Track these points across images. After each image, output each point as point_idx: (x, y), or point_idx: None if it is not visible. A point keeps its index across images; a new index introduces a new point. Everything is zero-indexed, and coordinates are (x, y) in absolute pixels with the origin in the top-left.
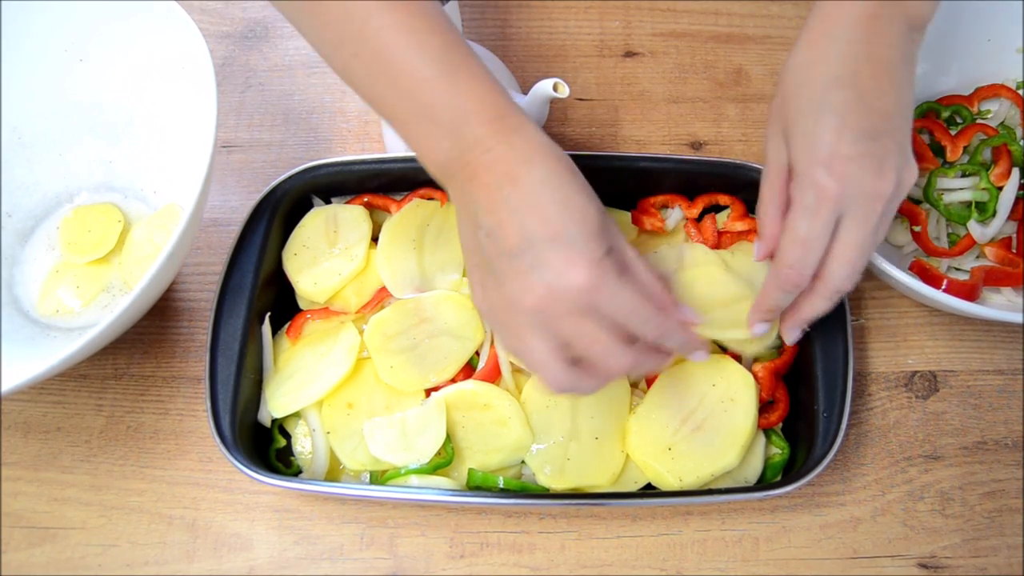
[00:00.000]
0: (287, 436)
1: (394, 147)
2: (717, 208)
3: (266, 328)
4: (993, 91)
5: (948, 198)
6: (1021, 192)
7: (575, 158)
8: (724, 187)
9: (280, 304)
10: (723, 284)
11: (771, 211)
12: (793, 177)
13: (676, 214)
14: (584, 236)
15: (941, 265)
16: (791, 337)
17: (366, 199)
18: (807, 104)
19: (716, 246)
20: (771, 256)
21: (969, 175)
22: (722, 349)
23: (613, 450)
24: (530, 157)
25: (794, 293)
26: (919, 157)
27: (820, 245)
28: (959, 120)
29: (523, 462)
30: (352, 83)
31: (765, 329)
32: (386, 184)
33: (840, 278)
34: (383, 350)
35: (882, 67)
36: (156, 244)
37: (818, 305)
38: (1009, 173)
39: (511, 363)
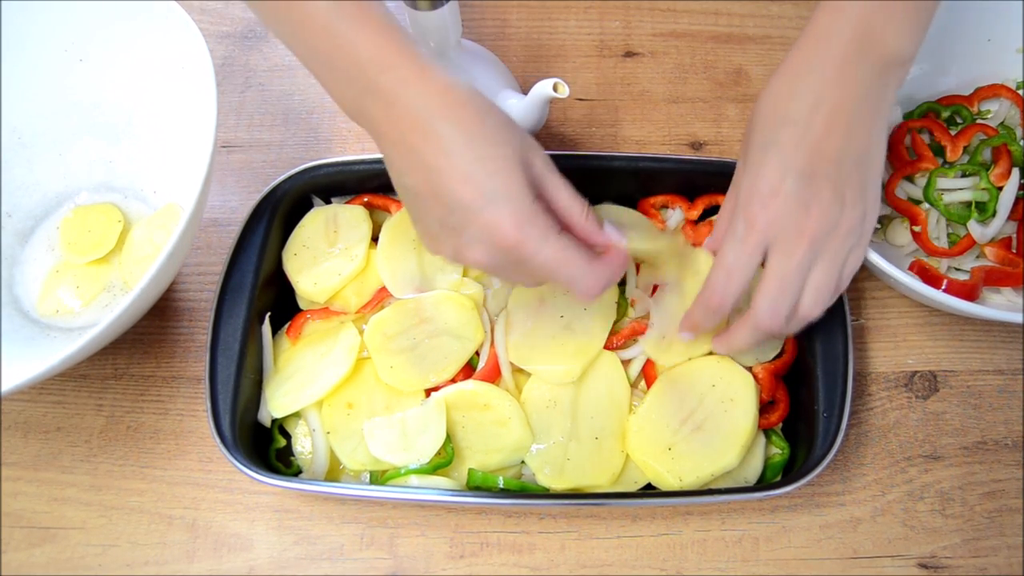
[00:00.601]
0: (287, 436)
1: None
2: (717, 210)
3: (266, 328)
4: (993, 91)
5: (948, 198)
6: (1021, 192)
7: (575, 158)
8: (724, 188)
9: (280, 304)
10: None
11: (717, 236)
12: (736, 208)
13: (677, 215)
14: (506, 191)
15: (941, 265)
16: (720, 351)
17: (366, 199)
18: (760, 139)
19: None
20: None
21: (969, 175)
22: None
23: (613, 450)
24: (434, 110)
25: (717, 315)
26: (919, 157)
27: (743, 273)
28: (959, 120)
29: (523, 462)
30: (270, 29)
31: (690, 337)
32: (386, 184)
33: (762, 310)
34: (383, 350)
35: (840, 111)
36: (156, 244)
37: (744, 336)
38: (1009, 173)
39: (511, 363)
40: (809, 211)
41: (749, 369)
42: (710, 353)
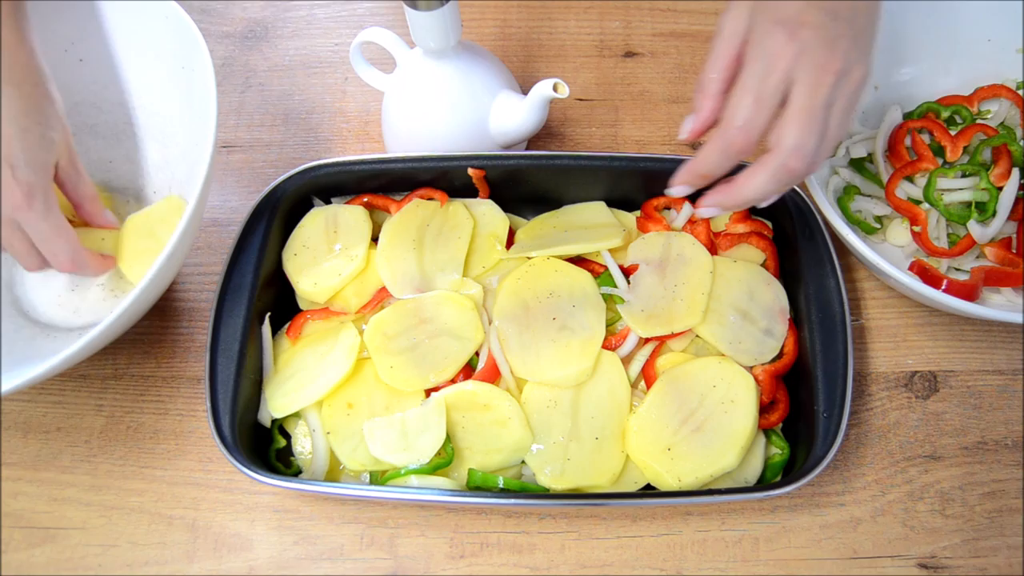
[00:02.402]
0: (287, 436)
1: (394, 147)
2: None
3: (266, 328)
4: (993, 91)
5: (948, 198)
6: (1021, 192)
7: (575, 158)
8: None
9: (280, 304)
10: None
11: (715, 84)
12: (749, 42)
13: (682, 216)
14: (30, 165)
15: (941, 265)
16: (706, 213)
17: (366, 199)
18: None
19: (712, 249)
20: (700, 134)
21: (969, 175)
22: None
23: (613, 450)
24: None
25: (735, 159)
26: (919, 157)
27: (770, 107)
28: (959, 120)
29: (523, 462)
30: None
31: (684, 191)
32: (386, 184)
33: (789, 147)
34: (383, 350)
35: None
36: (158, 237)
37: (763, 180)
38: (1009, 173)
39: (510, 364)
40: (835, 48)
41: (749, 370)
42: (720, 354)
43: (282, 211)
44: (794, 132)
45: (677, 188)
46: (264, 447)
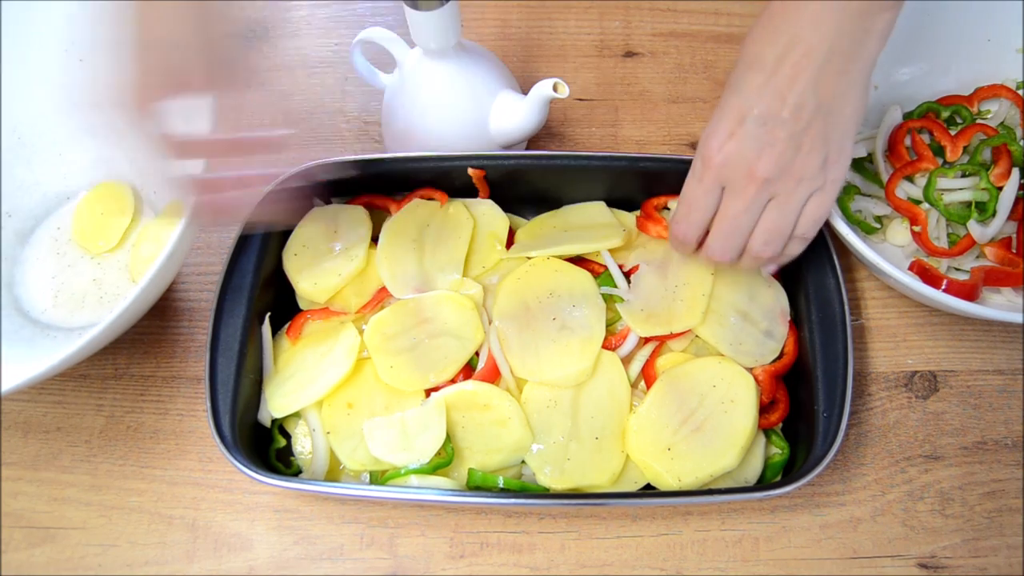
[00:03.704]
0: (287, 436)
1: (394, 147)
2: None
3: (266, 328)
4: (993, 91)
5: (948, 198)
6: (1021, 192)
7: (575, 158)
8: None
9: (280, 304)
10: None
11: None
12: None
13: None
14: None
15: (941, 265)
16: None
17: (366, 199)
18: (731, 82)
19: None
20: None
21: (969, 175)
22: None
23: (613, 450)
24: None
25: (684, 247)
26: (919, 157)
27: (702, 209)
28: (959, 120)
29: (523, 462)
30: None
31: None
32: (386, 184)
33: (712, 248)
34: (383, 350)
35: (810, 56)
36: (161, 242)
37: (705, 263)
38: (1009, 173)
39: (510, 364)
40: (761, 154)
41: (749, 370)
42: (720, 355)
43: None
44: (714, 235)
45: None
46: (264, 447)
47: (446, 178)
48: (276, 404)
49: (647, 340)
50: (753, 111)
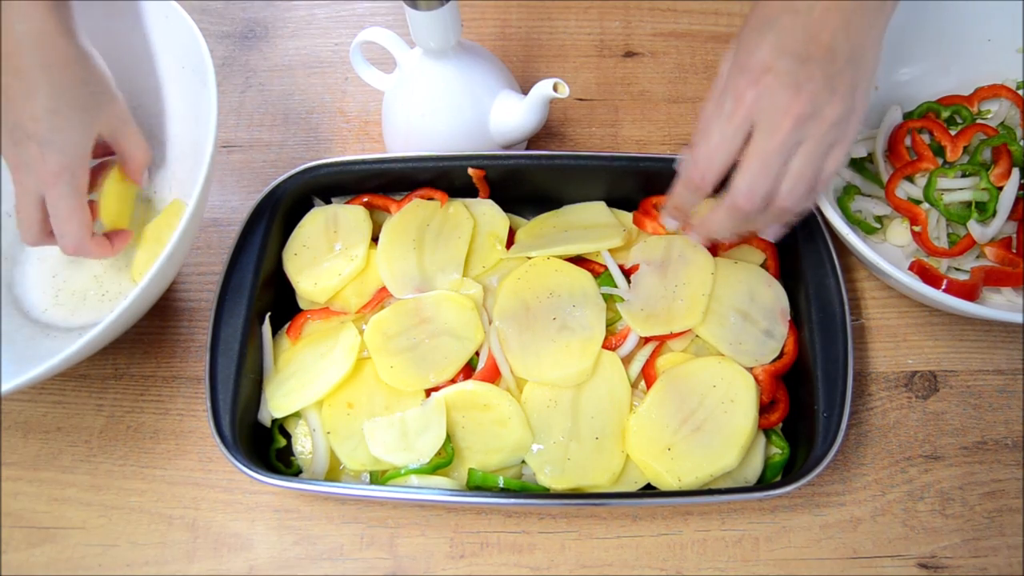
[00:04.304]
0: (287, 436)
1: (394, 147)
2: None
3: (266, 328)
4: (993, 91)
5: (948, 198)
6: (1021, 192)
7: (575, 158)
8: (724, 187)
9: (280, 304)
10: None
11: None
12: (722, 87)
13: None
14: (57, 144)
15: (941, 265)
16: (696, 236)
17: (366, 199)
18: (757, 23)
19: (713, 249)
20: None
21: (969, 175)
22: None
23: (613, 450)
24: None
25: (698, 193)
26: (919, 157)
27: (727, 149)
28: (959, 120)
29: (523, 462)
30: None
31: (674, 225)
32: (386, 184)
33: (739, 188)
34: (383, 350)
35: (840, 5)
36: (163, 241)
37: (721, 218)
38: (1009, 173)
39: (510, 364)
40: (799, 92)
41: (749, 370)
42: (720, 355)
43: (282, 211)
44: (743, 175)
45: (667, 221)
46: (264, 447)
47: (446, 178)
48: (276, 404)
49: (647, 340)
50: (789, 48)
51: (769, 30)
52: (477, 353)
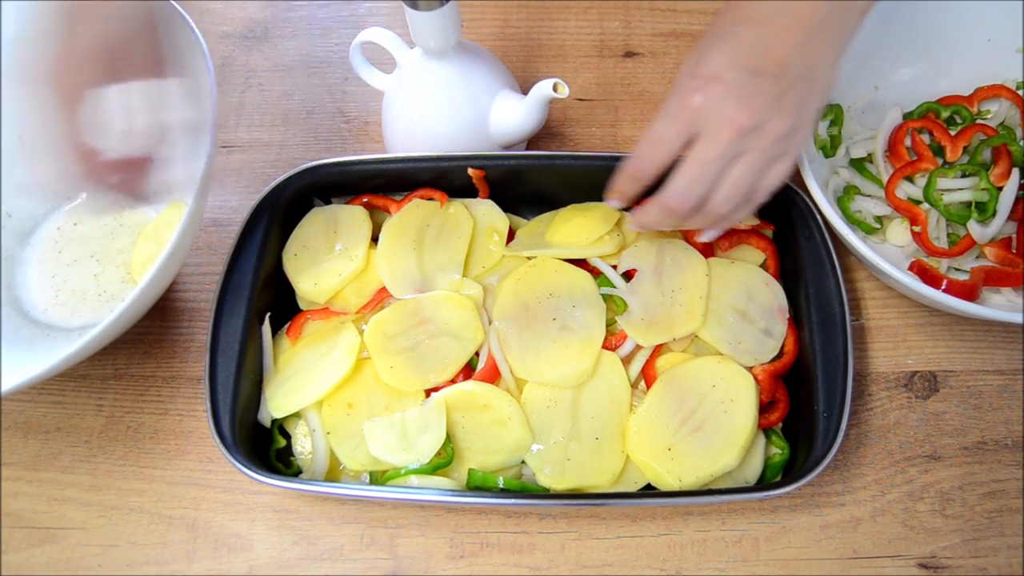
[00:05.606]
0: (287, 436)
1: (394, 147)
2: None
3: (266, 328)
4: (993, 91)
5: (948, 198)
6: (1021, 192)
7: (575, 158)
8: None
9: (280, 304)
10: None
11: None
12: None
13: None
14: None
15: (941, 265)
16: (631, 226)
17: (366, 199)
18: (718, 29)
19: (707, 251)
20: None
21: (969, 175)
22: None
23: (613, 450)
24: None
25: (637, 184)
26: (919, 157)
27: (667, 149)
28: (959, 120)
29: (523, 462)
30: None
31: (616, 205)
32: (386, 184)
33: (673, 190)
34: (383, 350)
35: (800, 24)
36: (163, 243)
37: (653, 213)
38: (1009, 173)
39: (510, 364)
40: (745, 104)
41: (749, 370)
42: (719, 354)
43: (282, 211)
44: (680, 177)
45: (609, 202)
46: (264, 447)
47: (446, 178)
48: (276, 404)
49: None
50: (743, 60)
51: (727, 39)
52: (477, 353)
